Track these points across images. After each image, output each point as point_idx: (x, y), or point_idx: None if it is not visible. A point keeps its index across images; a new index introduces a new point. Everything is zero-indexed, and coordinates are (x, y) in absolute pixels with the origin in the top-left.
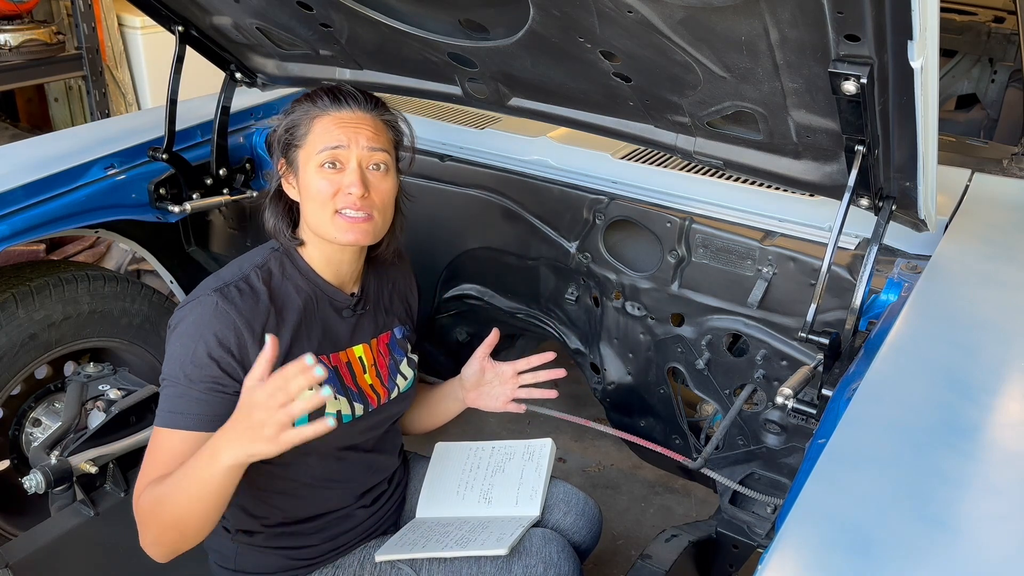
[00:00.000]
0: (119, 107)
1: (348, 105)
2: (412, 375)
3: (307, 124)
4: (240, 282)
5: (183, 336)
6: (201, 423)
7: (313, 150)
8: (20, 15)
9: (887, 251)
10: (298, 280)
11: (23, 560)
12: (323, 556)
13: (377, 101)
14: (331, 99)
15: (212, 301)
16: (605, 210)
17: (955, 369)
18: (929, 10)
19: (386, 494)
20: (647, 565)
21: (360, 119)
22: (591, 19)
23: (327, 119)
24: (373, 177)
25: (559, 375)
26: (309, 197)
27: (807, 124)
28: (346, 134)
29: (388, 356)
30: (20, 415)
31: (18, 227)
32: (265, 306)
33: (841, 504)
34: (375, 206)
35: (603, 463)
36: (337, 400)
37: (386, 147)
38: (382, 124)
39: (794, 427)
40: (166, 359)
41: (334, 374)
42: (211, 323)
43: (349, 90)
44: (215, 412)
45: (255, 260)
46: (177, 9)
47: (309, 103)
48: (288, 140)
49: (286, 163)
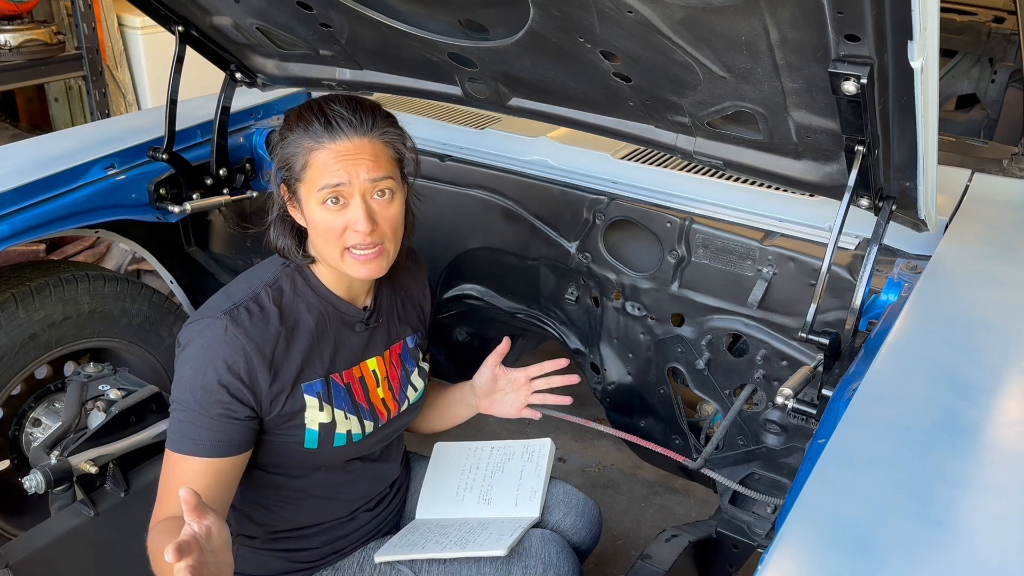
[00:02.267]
0: (119, 107)
1: (343, 133)
2: (422, 385)
3: (303, 157)
4: (250, 303)
5: (192, 360)
6: (214, 449)
7: (313, 186)
8: (20, 15)
9: (887, 251)
10: (310, 298)
11: (23, 560)
12: (323, 558)
13: (374, 118)
14: (324, 126)
15: (222, 325)
16: (605, 210)
17: (955, 369)
18: (929, 10)
19: (388, 497)
20: (647, 565)
21: (358, 148)
22: (591, 19)
23: (324, 153)
24: (379, 206)
25: (573, 381)
26: (317, 232)
27: (807, 124)
28: (346, 168)
29: (400, 367)
30: (20, 415)
31: (18, 227)
32: (275, 329)
33: (841, 504)
34: (385, 236)
35: (603, 463)
36: (348, 420)
37: (389, 171)
38: (381, 146)
39: (794, 427)
40: (176, 381)
41: (346, 392)
42: (220, 348)
43: (342, 114)
44: (227, 438)
45: (265, 277)
46: (177, 9)
47: (301, 130)
48: (287, 175)
49: (288, 192)
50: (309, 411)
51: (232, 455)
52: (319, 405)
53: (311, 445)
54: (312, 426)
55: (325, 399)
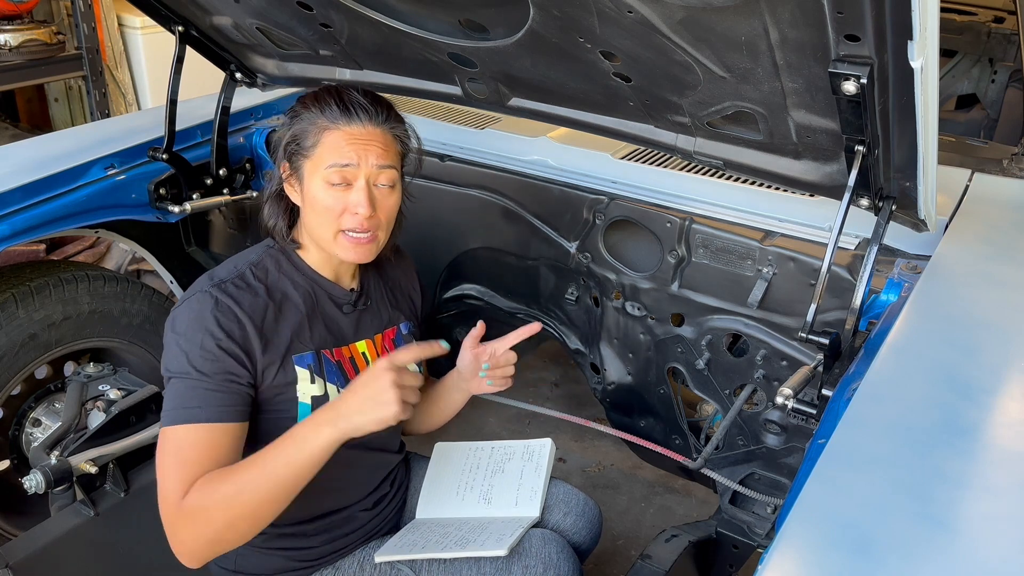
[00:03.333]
0: (119, 107)
1: (359, 118)
2: (417, 372)
3: (315, 135)
4: (236, 279)
5: (187, 332)
6: (221, 413)
7: (321, 163)
8: (20, 15)
9: (887, 251)
10: (295, 276)
11: (23, 560)
12: (323, 557)
13: (389, 111)
14: (341, 109)
15: (212, 297)
16: (605, 210)
17: (955, 369)
18: (929, 10)
19: (387, 496)
20: (647, 565)
21: (371, 135)
22: (591, 19)
23: (337, 134)
24: (379, 194)
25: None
26: (314, 210)
27: (807, 124)
28: (356, 151)
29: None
30: (20, 415)
31: (18, 227)
32: (264, 301)
33: (841, 504)
34: (380, 224)
35: (603, 463)
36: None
37: (394, 162)
38: (391, 138)
39: (794, 427)
40: (167, 356)
41: (338, 367)
42: (214, 317)
43: (360, 101)
44: (233, 403)
45: (250, 258)
46: (177, 9)
47: (317, 110)
48: (295, 149)
49: (290, 168)
50: (301, 383)
51: (236, 421)
52: (310, 377)
53: (304, 413)
54: (305, 399)
55: (316, 371)
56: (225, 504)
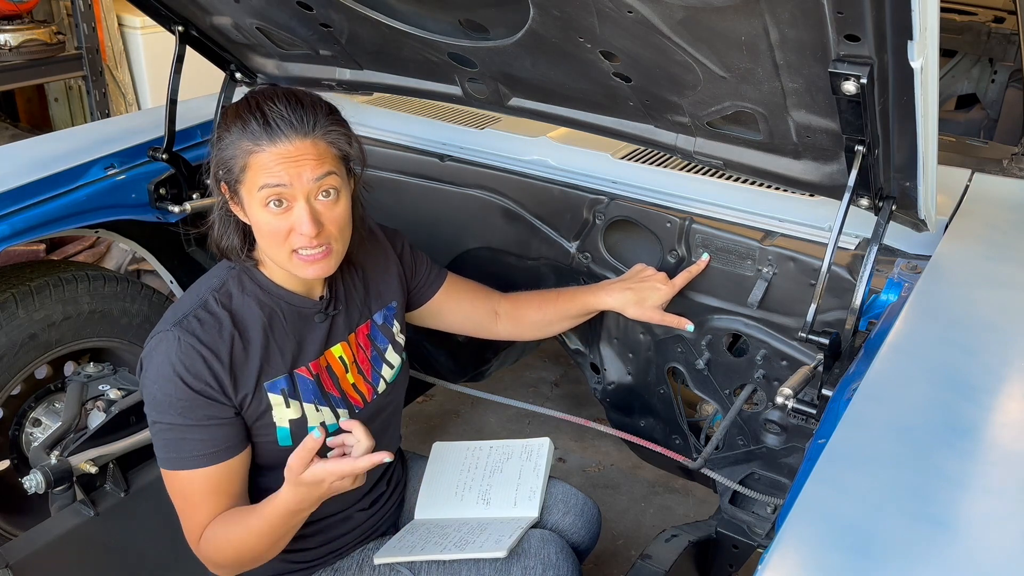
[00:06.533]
0: (119, 107)
1: (283, 134)
2: (399, 361)
3: (242, 159)
4: (199, 310)
5: (157, 378)
6: (216, 457)
7: (254, 187)
8: (20, 15)
9: (887, 251)
10: (260, 296)
11: (23, 560)
12: (321, 559)
13: (315, 117)
14: (263, 127)
15: (174, 336)
16: (605, 210)
17: (955, 369)
18: (929, 10)
19: (384, 495)
20: (647, 565)
21: (300, 149)
22: (591, 19)
23: (263, 156)
24: (323, 207)
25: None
26: (261, 234)
27: (807, 124)
28: (287, 171)
29: (370, 348)
30: (20, 415)
31: (18, 227)
32: (229, 332)
33: (841, 504)
34: (332, 236)
35: (603, 463)
36: (319, 412)
37: (333, 167)
38: (325, 146)
39: (794, 427)
40: (148, 403)
41: (315, 384)
42: (180, 360)
43: (282, 113)
44: (224, 441)
45: (212, 284)
46: (177, 9)
47: (239, 130)
48: (225, 176)
49: (229, 191)
50: (276, 409)
51: (231, 456)
52: (285, 402)
53: (286, 442)
54: (282, 424)
55: (291, 395)
56: (227, 552)
